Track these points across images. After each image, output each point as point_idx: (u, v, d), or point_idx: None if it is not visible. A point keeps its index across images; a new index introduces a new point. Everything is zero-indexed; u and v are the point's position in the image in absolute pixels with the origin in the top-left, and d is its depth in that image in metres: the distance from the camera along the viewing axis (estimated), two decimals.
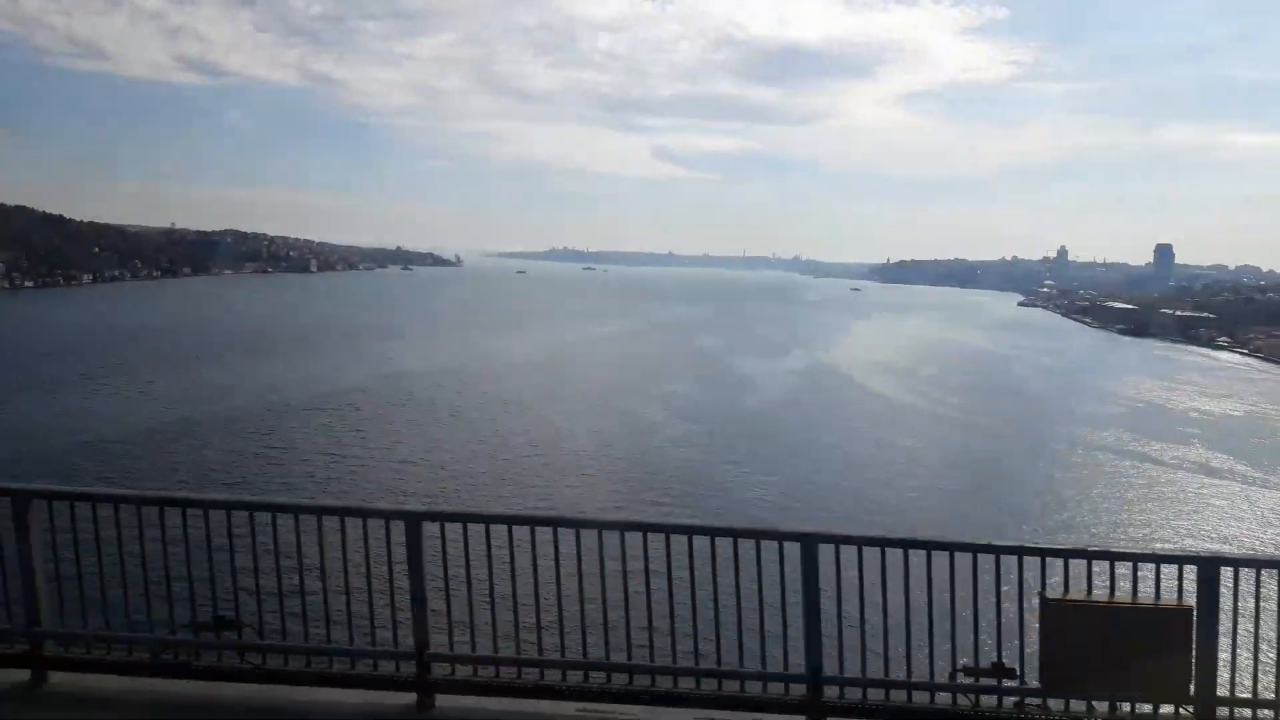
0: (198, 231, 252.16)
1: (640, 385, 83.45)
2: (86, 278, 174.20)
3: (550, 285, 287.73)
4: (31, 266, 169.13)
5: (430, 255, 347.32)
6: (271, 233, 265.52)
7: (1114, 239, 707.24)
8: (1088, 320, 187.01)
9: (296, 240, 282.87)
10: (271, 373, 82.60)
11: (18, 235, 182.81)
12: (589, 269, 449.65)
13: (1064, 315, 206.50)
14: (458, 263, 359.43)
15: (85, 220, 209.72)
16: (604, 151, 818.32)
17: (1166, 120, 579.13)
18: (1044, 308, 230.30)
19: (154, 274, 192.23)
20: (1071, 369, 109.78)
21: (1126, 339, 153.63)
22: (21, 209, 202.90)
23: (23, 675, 7.55)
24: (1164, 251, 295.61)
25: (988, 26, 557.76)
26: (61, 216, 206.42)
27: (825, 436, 64.36)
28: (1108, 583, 6.64)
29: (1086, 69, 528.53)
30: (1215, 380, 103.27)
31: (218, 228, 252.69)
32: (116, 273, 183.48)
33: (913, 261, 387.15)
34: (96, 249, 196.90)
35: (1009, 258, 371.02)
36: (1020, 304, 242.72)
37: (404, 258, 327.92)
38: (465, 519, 7.38)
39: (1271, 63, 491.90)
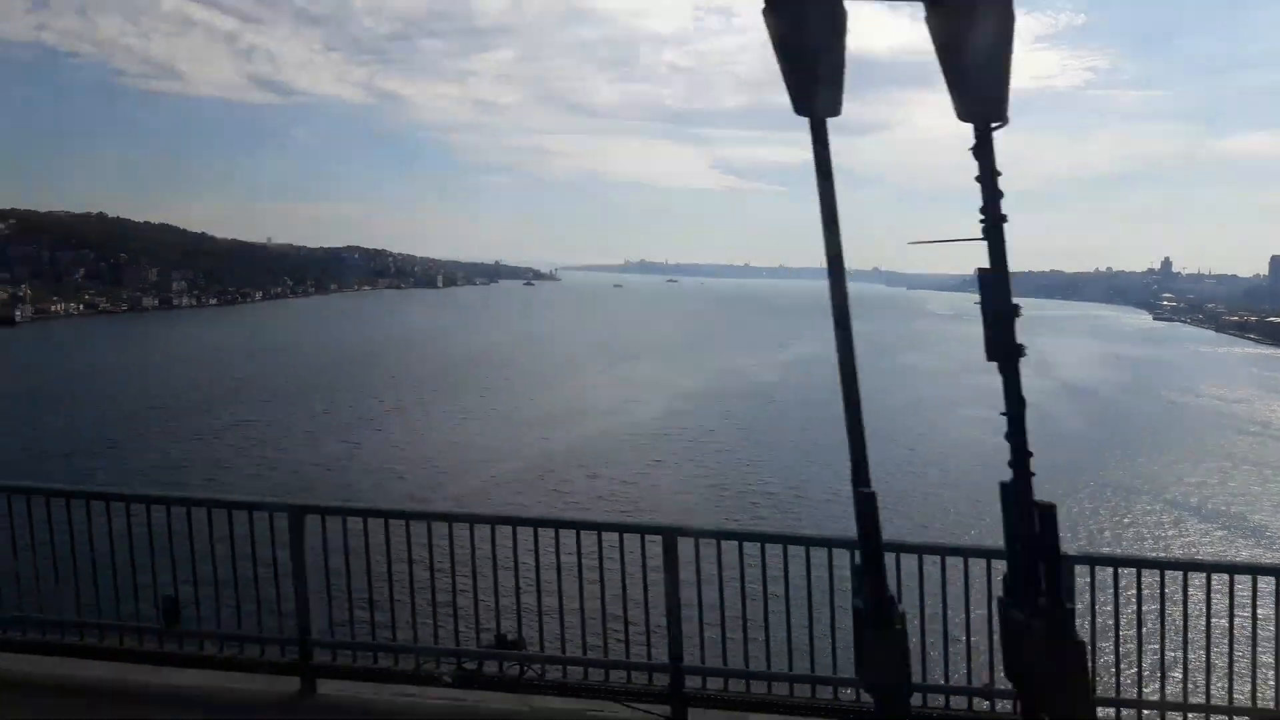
0: (323, 249, 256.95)
1: (941, 409, 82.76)
2: (258, 294, 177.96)
3: (659, 299, 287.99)
4: (208, 284, 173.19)
5: (530, 270, 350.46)
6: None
7: (1211, 249, 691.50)
8: (1252, 336, 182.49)
9: (410, 256, 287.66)
10: (570, 397, 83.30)
11: (181, 254, 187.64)
12: (672, 281, 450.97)
13: (1216, 330, 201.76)
14: (555, 277, 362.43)
15: (228, 238, 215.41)
16: (663, 164, 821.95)
17: (1242, 128, 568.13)
18: (1183, 321, 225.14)
19: (309, 290, 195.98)
20: None
21: None
22: (167, 227, 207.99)
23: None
24: (1278, 262, 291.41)
25: (1063, 33, 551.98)
26: (204, 234, 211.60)
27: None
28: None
29: (1160, 75, 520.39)
30: None
31: (302, 243, 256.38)
32: (278, 289, 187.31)
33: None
34: (247, 267, 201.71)
35: (1104, 269, 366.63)
36: (1156, 318, 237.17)
37: (505, 272, 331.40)
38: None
39: None
